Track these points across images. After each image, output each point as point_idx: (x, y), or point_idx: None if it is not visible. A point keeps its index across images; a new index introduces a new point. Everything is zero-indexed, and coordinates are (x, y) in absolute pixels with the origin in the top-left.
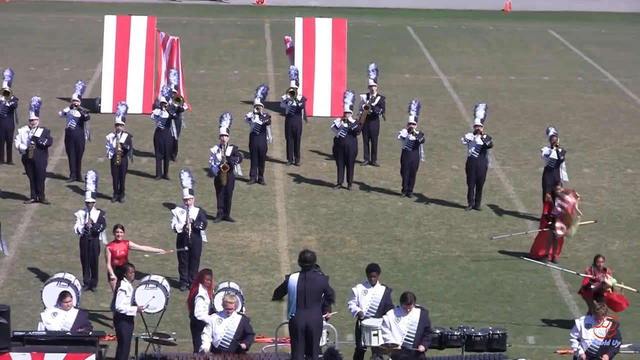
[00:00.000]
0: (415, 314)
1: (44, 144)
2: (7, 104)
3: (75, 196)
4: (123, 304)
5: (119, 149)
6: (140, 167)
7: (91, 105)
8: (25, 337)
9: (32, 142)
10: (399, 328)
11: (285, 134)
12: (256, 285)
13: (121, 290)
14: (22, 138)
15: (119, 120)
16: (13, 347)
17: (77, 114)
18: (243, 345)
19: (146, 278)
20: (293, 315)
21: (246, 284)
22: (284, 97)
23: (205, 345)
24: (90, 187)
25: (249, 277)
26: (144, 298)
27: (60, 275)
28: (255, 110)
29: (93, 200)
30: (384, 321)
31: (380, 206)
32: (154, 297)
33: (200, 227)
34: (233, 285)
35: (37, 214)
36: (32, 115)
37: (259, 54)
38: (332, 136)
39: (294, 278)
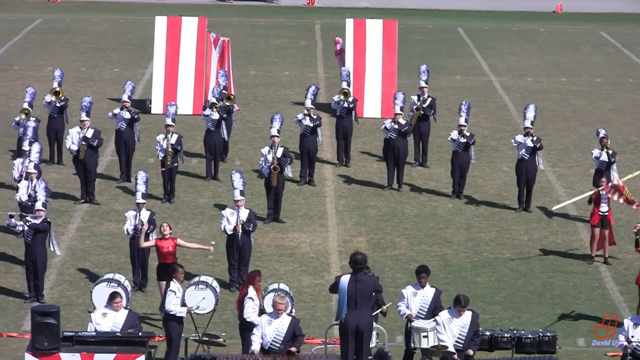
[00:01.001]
0: (467, 316)
1: (94, 144)
2: (58, 104)
3: (126, 197)
4: (173, 305)
5: (170, 149)
6: (190, 168)
7: (142, 106)
8: (75, 338)
9: (83, 142)
10: (451, 330)
11: (336, 135)
12: (306, 287)
13: (171, 291)
14: (73, 139)
15: (169, 121)
16: (63, 347)
17: (127, 115)
18: (293, 349)
19: (196, 279)
20: (344, 317)
21: (296, 285)
22: (336, 98)
23: (255, 347)
24: (141, 187)
25: (298, 279)
26: (193, 299)
27: (110, 275)
28: (306, 112)
29: (143, 201)
30: (437, 322)
31: (431, 208)
32: (203, 298)
33: (250, 229)
34: (283, 286)
35: (87, 215)
36: (83, 116)
37: (310, 55)
38: (382, 137)
39: (345, 280)
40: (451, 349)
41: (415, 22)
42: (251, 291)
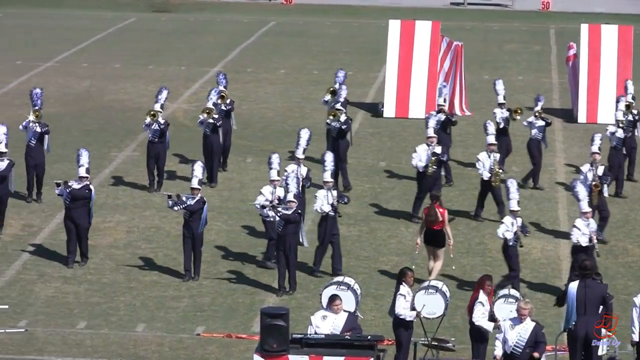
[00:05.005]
0: None
1: (444, 159)
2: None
3: (356, 200)
4: (402, 309)
5: (433, 159)
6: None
7: (374, 109)
8: (304, 340)
9: (433, 157)
10: None
11: None
12: (537, 293)
13: (400, 294)
14: (420, 156)
15: (430, 132)
16: (291, 349)
17: (442, 117)
18: (536, 354)
19: (426, 283)
20: (572, 323)
21: (525, 292)
22: None
23: (498, 351)
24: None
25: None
26: (423, 303)
27: (339, 278)
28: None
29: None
30: None
31: None
32: (433, 302)
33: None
34: (513, 292)
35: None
36: (430, 132)
37: (544, 60)
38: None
39: (573, 286)
40: None
41: None
42: (482, 296)
